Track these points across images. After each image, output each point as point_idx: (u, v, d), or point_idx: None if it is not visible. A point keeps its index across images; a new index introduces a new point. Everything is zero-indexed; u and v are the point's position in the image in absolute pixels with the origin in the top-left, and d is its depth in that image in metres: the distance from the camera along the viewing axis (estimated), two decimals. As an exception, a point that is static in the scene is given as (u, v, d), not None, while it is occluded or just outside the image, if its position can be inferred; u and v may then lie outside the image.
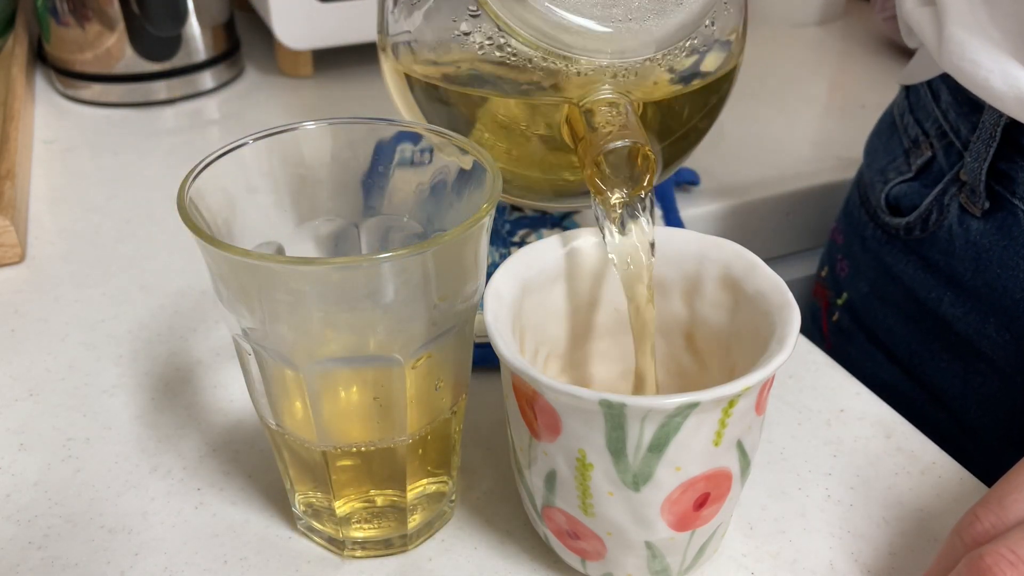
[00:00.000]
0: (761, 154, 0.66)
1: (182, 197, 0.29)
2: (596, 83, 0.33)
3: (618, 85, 0.33)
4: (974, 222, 0.46)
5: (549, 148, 0.35)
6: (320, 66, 0.76)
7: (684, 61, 0.35)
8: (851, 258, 0.56)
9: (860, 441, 0.39)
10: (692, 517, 0.29)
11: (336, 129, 0.33)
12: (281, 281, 0.27)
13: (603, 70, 0.33)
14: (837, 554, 0.34)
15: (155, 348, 0.44)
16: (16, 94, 0.64)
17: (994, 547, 0.28)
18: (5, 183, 0.53)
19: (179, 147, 0.65)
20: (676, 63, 0.35)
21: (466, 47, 0.34)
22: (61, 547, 0.34)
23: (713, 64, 0.36)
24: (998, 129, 0.44)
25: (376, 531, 0.34)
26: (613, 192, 0.31)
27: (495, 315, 0.29)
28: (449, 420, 0.33)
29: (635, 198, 0.31)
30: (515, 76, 0.34)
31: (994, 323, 0.46)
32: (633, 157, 0.31)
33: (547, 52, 0.33)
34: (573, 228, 0.47)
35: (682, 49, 0.34)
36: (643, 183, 0.31)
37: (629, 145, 0.31)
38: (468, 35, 0.34)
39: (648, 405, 0.26)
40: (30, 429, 0.39)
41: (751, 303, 0.31)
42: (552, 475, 0.29)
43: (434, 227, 0.34)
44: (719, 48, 0.36)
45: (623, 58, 0.33)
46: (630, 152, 0.31)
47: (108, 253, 0.52)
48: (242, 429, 0.39)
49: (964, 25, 0.42)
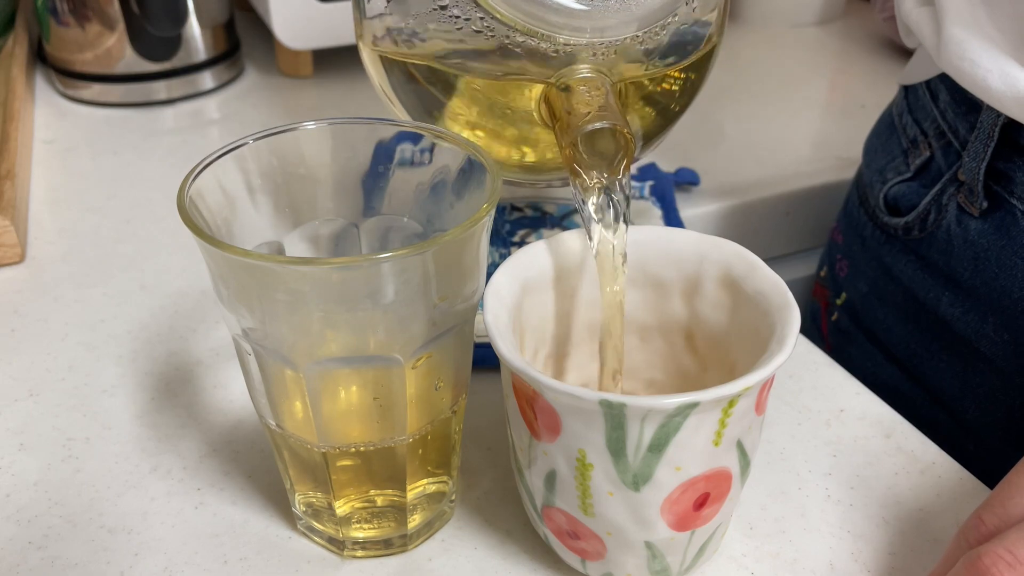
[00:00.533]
0: (761, 154, 0.66)
1: (182, 197, 0.29)
2: (575, 61, 0.32)
3: (597, 64, 0.33)
4: (972, 222, 0.46)
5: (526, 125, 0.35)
6: (320, 66, 0.76)
7: (664, 40, 0.34)
8: (850, 258, 0.56)
9: (860, 441, 0.39)
10: (692, 517, 0.29)
11: (336, 129, 0.33)
12: (281, 281, 0.27)
13: (582, 48, 0.32)
14: (837, 554, 0.34)
15: (155, 348, 0.44)
16: (16, 94, 0.64)
17: (992, 547, 0.28)
18: (5, 183, 0.53)
19: (179, 147, 0.65)
20: (656, 42, 0.34)
21: (443, 23, 0.33)
22: (61, 547, 0.34)
23: (693, 44, 0.36)
24: (996, 129, 0.44)
25: (376, 531, 0.34)
26: (591, 174, 0.31)
27: (495, 315, 0.29)
28: (449, 420, 0.33)
29: (613, 180, 0.31)
30: (493, 53, 0.33)
31: (993, 323, 0.46)
32: (611, 139, 0.31)
33: (526, 29, 0.32)
34: (573, 228, 0.47)
35: (663, 28, 0.34)
36: (621, 165, 0.31)
37: (608, 127, 0.30)
38: (445, 9, 0.33)
39: (648, 405, 0.26)
40: (30, 429, 0.39)
41: (751, 303, 0.31)
42: (552, 475, 0.29)
43: (434, 227, 0.34)
44: (699, 27, 0.36)
45: (603, 36, 0.32)
46: (608, 134, 0.31)
47: (108, 253, 0.52)
48: (242, 429, 0.39)
49: (963, 25, 0.42)
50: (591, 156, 0.31)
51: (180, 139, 0.66)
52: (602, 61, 0.33)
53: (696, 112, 0.72)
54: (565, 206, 0.52)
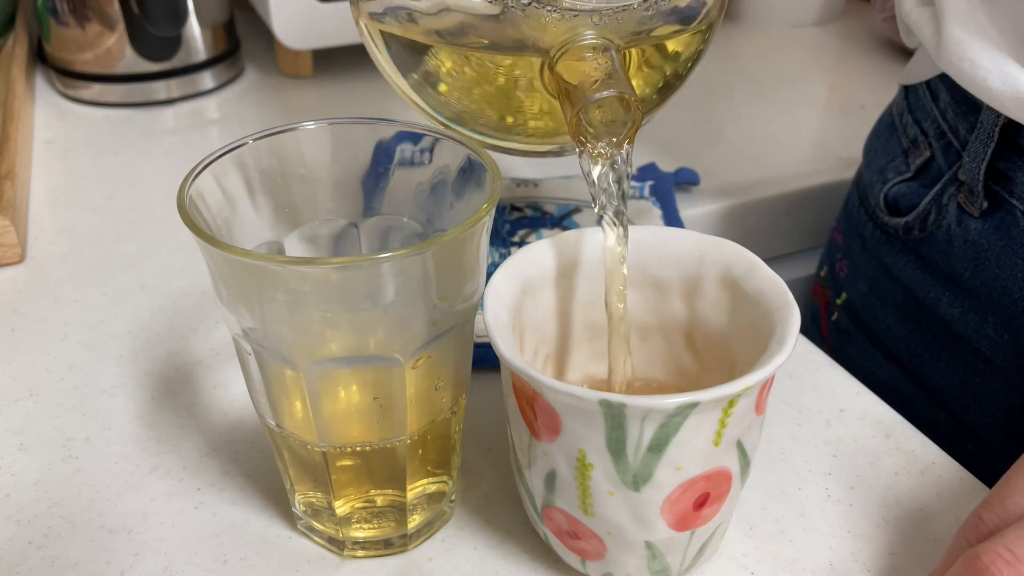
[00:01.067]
0: (761, 154, 0.66)
1: (182, 197, 0.29)
2: (579, 28, 0.32)
3: (602, 30, 0.32)
4: (972, 222, 0.46)
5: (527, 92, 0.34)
6: (320, 66, 0.76)
7: (668, 6, 0.34)
8: (850, 258, 0.56)
9: (860, 441, 0.39)
10: (692, 517, 0.29)
11: (336, 129, 0.33)
12: (281, 281, 0.27)
13: (587, 15, 0.32)
14: (837, 554, 0.34)
15: (155, 348, 0.44)
16: (16, 94, 0.64)
17: (990, 545, 0.28)
18: (5, 183, 0.53)
19: (179, 147, 0.65)
20: (661, 7, 0.34)
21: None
22: (61, 547, 0.34)
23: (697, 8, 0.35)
24: (996, 129, 0.44)
25: (376, 531, 0.34)
26: (597, 143, 0.30)
27: (495, 315, 0.29)
28: (449, 420, 0.33)
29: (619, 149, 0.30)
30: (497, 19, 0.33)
31: (993, 323, 0.46)
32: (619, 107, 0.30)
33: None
34: (573, 228, 0.47)
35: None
36: (628, 133, 0.30)
37: (615, 95, 0.30)
38: None
39: (648, 405, 0.26)
40: (30, 429, 0.39)
41: (751, 303, 0.31)
42: (552, 475, 0.29)
43: (434, 227, 0.34)
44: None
45: (608, 2, 0.32)
46: (616, 102, 0.30)
47: (108, 253, 0.52)
48: (242, 429, 0.39)
49: (963, 25, 0.43)
50: (598, 125, 0.30)
51: (180, 139, 0.66)
52: (607, 27, 0.32)
53: (696, 112, 0.72)
54: (565, 206, 0.52)
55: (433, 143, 0.33)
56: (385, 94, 0.72)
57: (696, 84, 0.77)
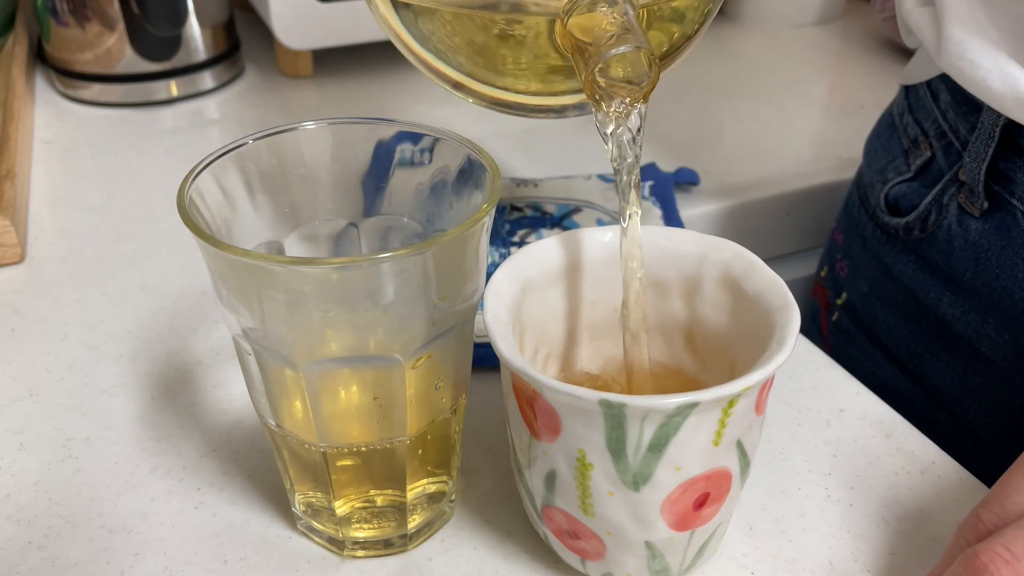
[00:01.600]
0: (761, 154, 0.66)
1: (182, 197, 0.29)
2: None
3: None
4: (973, 222, 0.46)
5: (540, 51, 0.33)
6: (320, 66, 0.76)
7: None
8: (851, 258, 0.56)
9: (860, 441, 0.39)
10: (692, 517, 0.29)
11: (336, 129, 0.33)
12: (281, 281, 0.27)
13: None
14: (837, 554, 0.34)
15: (155, 348, 0.44)
16: (16, 94, 0.64)
17: (989, 545, 0.28)
18: (5, 183, 0.53)
19: (179, 147, 0.65)
20: None
21: None
22: (61, 547, 0.34)
23: None
24: (996, 129, 0.44)
25: (376, 531, 0.34)
26: (612, 102, 0.29)
27: (495, 315, 0.29)
28: (449, 420, 0.33)
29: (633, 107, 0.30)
30: None
31: (993, 323, 0.46)
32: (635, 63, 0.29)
33: None
34: (573, 228, 0.47)
35: None
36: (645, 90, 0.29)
37: (632, 50, 0.29)
38: None
39: (648, 405, 0.26)
40: (30, 429, 0.39)
41: (751, 303, 0.31)
42: (552, 475, 0.29)
43: (434, 227, 0.34)
44: None
45: None
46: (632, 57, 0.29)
47: (108, 253, 0.52)
48: (242, 429, 0.39)
49: (963, 25, 0.43)
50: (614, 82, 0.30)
51: (180, 139, 0.66)
52: None
53: (696, 112, 0.72)
54: (565, 206, 0.52)
55: (433, 143, 0.33)
56: (385, 94, 0.72)
57: (696, 84, 0.77)
